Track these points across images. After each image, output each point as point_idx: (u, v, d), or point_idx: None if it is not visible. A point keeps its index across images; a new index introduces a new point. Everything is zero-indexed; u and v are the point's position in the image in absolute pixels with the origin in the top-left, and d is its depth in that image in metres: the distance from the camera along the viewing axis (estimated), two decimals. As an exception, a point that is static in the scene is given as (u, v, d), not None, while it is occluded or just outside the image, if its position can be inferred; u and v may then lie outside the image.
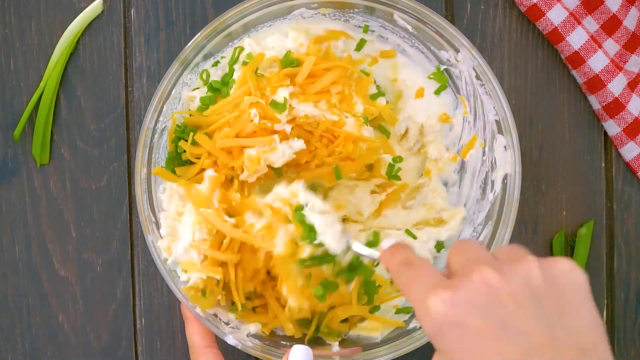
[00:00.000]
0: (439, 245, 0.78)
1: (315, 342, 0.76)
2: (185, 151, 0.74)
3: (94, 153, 0.83)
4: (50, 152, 0.82)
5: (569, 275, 0.52)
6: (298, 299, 0.71)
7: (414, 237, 0.77)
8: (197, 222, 0.70)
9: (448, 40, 0.73)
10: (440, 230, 0.78)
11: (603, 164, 0.84)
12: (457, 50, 0.73)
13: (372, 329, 0.77)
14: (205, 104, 0.75)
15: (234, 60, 0.76)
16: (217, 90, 0.75)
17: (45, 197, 0.83)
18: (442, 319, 0.51)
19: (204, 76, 0.76)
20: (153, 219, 0.74)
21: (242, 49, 0.76)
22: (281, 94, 0.72)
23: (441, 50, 0.75)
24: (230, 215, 0.70)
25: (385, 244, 0.61)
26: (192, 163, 0.74)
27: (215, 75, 0.76)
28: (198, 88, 0.76)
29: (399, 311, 0.77)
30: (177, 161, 0.75)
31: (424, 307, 0.52)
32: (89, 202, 0.83)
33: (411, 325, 0.75)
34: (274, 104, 0.71)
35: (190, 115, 0.74)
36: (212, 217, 0.69)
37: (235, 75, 0.74)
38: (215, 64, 0.76)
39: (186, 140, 0.73)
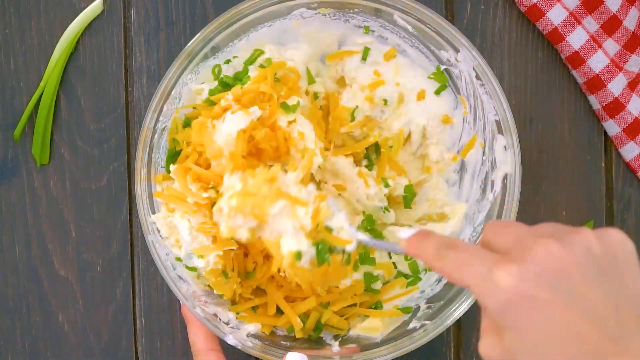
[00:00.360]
0: None
1: (315, 342, 0.77)
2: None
3: (94, 153, 0.83)
4: (50, 152, 0.82)
5: (623, 244, 0.52)
6: (297, 273, 0.70)
7: None
8: (184, 212, 0.71)
9: (448, 40, 0.73)
10: (444, 226, 0.78)
11: (603, 164, 0.84)
12: (457, 50, 0.73)
13: (372, 329, 0.77)
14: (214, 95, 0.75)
15: (250, 61, 0.76)
16: (229, 85, 0.75)
17: (45, 197, 0.83)
18: (512, 294, 0.50)
19: (216, 71, 0.75)
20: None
21: (261, 52, 0.76)
22: (295, 100, 0.72)
23: (441, 50, 0.75)
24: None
25: (404, 233, 0.59)
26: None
27: (227, 72, 0.76)
28: (204, 83, 0.76)
29: (400, 309, 0.77)
30: (175, 159, 0.75)
31: (490, 284, 0.51)
32: (89, 202, 0.83)
33: (411, 326, 0.75)
34: (285, 106, 0.71)
35: (194, 109, 0.74)
36: (187, 206, 0.71)
37: (252, 74, 0.74)
38: (227, 61, 0.76)
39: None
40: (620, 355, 0.49)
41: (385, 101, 0.78)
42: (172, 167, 0.73)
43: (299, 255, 0.66)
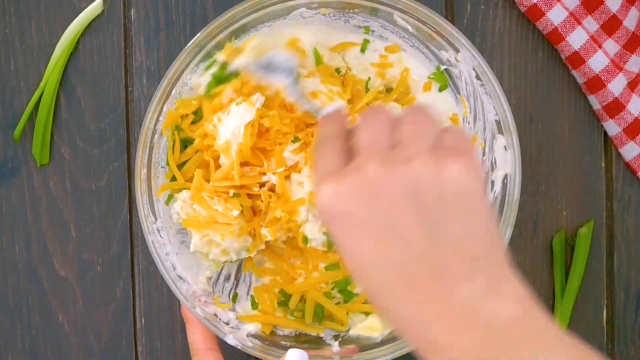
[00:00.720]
0: None
1: (315, 342, 0.77)
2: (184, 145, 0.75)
3: (94, 153, 0.83)
4: (50, 152, 0.82)
5: (458, 182, 0.50)
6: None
7: None
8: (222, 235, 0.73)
9: (448, 40, 0.73)
10: None
11: (603, 164, 0.84)
12: (457, 50, 0.73)
13: (372, 329, 0.77)
14: (211, 88, 0.75)
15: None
16: (222, 79, 0.75)
17: (45, 197, 0.83)
18: (329, 208, 0.51)
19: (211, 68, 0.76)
20: (153, 219, 0.74)
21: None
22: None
23: (441, 50, 0.75)
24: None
25: (327, 108, 0.60)
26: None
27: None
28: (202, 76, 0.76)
29: None
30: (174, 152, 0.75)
31: (317, 193, 0.52)
32: (89, 202, 0.83)
33: None
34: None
35: (194, 102, 0.74)
36: (223, 229, 0.72)
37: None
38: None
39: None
40: (438, 291, 0.49)
41: (390, 89, 0.78)
42: (184, 194, 0.73)
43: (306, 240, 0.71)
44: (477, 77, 0.73)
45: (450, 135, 0.53)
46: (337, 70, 0.78)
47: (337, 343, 0.76)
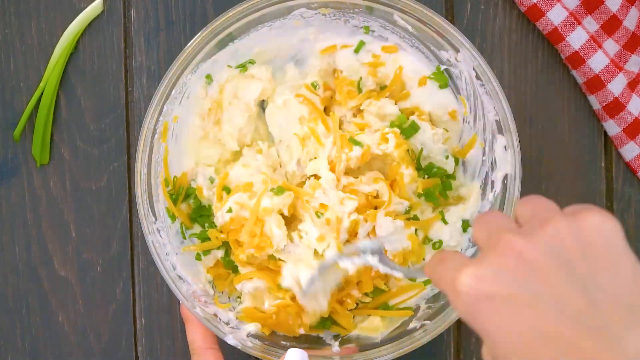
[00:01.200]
0: (465, 225, 0.78)
1: (315, 342, 0.77)
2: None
3: (94, 153, 0.83)
4: (50, 152, 0.82)
5: (599, 230, 0.49)
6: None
7: (446, 222, 0.77)
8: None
9: (448, 40, 0.73)
10: (465, 207, 0.78)
11: (603, 164, 0.84)
12: (457, 50, 0.73)
13: (372, 329, 0.77)
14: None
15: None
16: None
17: (45, 197, 0.83)
18: (472, 296, 0.49)
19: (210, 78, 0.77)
20: (153, 219, 0.74)
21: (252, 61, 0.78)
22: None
23: (441, 50, 0.75)
24: None
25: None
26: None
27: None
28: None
29: (401, 309, 0.77)
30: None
31: (454, 290, 0.49)
32: (89, 202, 0.83)
33: (411, 326, 0.75)
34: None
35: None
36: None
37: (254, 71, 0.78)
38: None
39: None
40: (602, 349, 0.46)
41: (384, 87, 0.78)
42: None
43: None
44: (477, 77, 0.73)
45: (573, 205, 0.52)
46: (314, 85, 0.78)
47: (337, 343, 0.76)
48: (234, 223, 0.74)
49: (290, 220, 0.76)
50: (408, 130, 0.76)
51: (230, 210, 0.74)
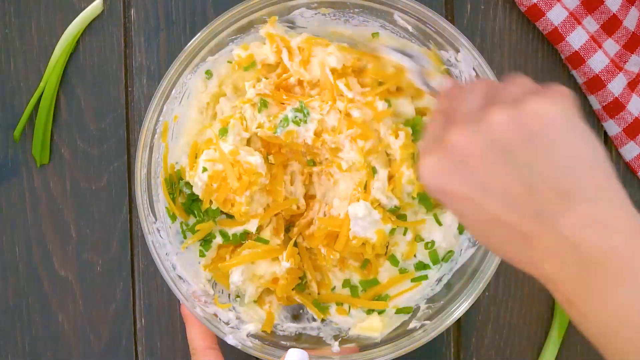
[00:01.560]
0: (461, 228, 0.78)
1: (315, 342, 0.77)
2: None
3: (94, 153, 0.83)
4: (50, 152, 0.82)
5: (540, 116, 0.51)
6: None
7: (440, 224, 0.77)
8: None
9: (448, 41, 0.73)
10: None
11: (603, 164, 0.84)
12: (457, 51, 0.73)
13: (372, 329, 0.77)
14: None
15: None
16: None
17: (45, 197, 0.83)
18: (429, 186, 0.54)
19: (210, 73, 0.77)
20: (153, 219, 0.74)
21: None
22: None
23: (441, 51, 0.75)
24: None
25: (442, 81, 0.64)
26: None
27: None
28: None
29: (399, 311, 0.77)
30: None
31: (419, 165, 0.55)
32: (89, 202, 0.83)
33: (411, 325, 0.75)
34: None
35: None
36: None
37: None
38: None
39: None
40: (543, 231, 0.50)
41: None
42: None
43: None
44: (478, 77, 0.73)
45: (539, 86, 0.54)
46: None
47: (337, 343, 0.76)
48: (214, 180, 0.73)
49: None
50: (419, 132, 0.77)
51: (205, 170, 0.73)
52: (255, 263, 0.75)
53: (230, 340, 0.72)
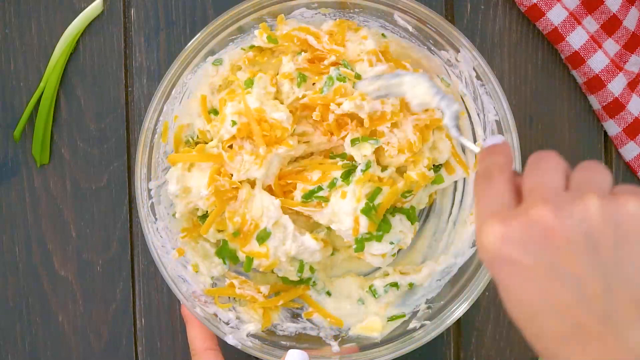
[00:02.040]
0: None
1: (315, 341, 0.77)
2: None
3: (94, 153, 0.83)
4: (50, 152, 0.82)
5: (634, 219, 0.48)
6: None
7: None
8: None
9: (448, 40, 0.73)
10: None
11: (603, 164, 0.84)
12: (457, 51, 0.73)
13: (371, 329, 0.77)
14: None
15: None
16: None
17: (45, 197, 0.83)
18: (493, 253, 0.50)
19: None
20: (153, 219, 0.74)
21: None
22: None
23: (441, 51, 0.75)
24: None
25: (489, 140, 0.57)
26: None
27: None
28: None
29: (391, 318, 0.77)
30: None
31: (480, 234, 0.51)
32: (89, 202, 0.83)
33: (411, 325, 0.75)
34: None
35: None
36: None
37: None
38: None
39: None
40: (607, 336, 0.47)
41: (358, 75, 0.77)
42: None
43: None
44: (478, 77, 0.73)
45: (624, 184, 0.51)
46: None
47: (336, 343, 0.76)
48: (241, 134, 0.72)
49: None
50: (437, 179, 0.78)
51: (234, 123, 0.72)
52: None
53: (230, 340, 0.72)
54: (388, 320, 0.77)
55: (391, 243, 0.74)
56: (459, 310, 0.74)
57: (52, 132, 0.82)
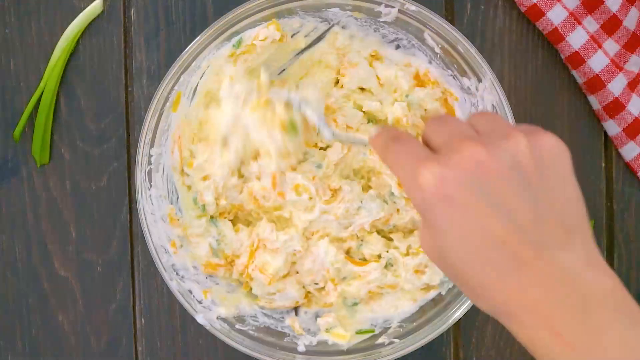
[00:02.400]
0: None
1: (280, 337, 0.77)
2: None
3: (94, 153, 0.83)
4: (50, 152, 0.82)
5: (554, 150, 0.52)
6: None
7: None
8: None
9: (472, 68, 0.73)
10: None
11: (603, 164, 0.84)
12: (479, 80, 0.73)
13: (339, 336, 0.78)
14: None
15: None
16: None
17: (45, 197, 0.83)
18: (432, 193, 0.51)
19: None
20: (148, 185, 0.74)
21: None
22: None
23: (463, 77, 0.75)
24: None
25: (374, 130, 0.61)
26: None
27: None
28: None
29: (360, 332, 0.78)
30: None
31: (414, 181, 0.52)
32: (89, 202, 0.83)
33: (380, 340, 0.76)
34: None
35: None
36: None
37: None
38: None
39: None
40: (541, 262, 0.50)
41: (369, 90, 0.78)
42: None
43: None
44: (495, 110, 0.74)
45: (525, 124, 0.55)
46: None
47: (302, 343, 0.77)
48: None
49: None
50: None
51: None
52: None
53: (200, 319, 0.74)
54: (356, 333, 0.78)
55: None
56: (459, 310, 0.74)
57: (52, 132, 0.82)
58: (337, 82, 0.79)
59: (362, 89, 0.79)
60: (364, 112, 0.78)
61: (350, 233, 0.77)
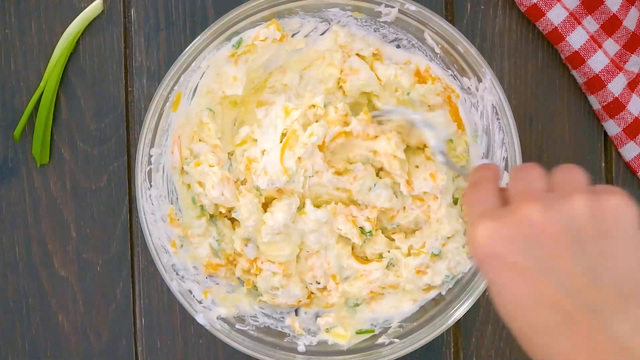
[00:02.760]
0: (455, 200, 0.79)
1: (281, 337, 0.77)
2: None
3: (94, 153, 0.83)
4: (50, 152, 0.82)
5: (617, 214, 0.51)
6: None
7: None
8: None
9: (472, 68, 0.73)
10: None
11: (603, 164, 0.84)
12: (479, 80, 0.73)
13: (340, 336, 0.78)
14: None
15: None
16: None
17: (45, 197, 0.83)
18: (483, 248, 0.52)
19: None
20: (148, 185, 0.74)
21: None
22: None
23: (464, 77, 0.75)
24: None
25: (480, 162, 0.62)
26: None
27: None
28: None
29: (360, 332, 0.78)
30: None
31: (472, 234, 0.53)
32: (89, 202, 0.83)
33: (380, 340, 0.77)
34: None
35: None
36: None
37: None
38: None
39: None
40: (593, 326, 0.50)
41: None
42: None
43: None
44: (495, 113, 0.74)
45: (602, 184, 0.54)
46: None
47: (302, 343, 0.77)
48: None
49: None
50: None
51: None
52: None
53: (200, 319, 0.74)
54: (356, 333, 0.78)
55: None
56: (459, 310, 0.74)
57: (52, 132, 0.82)
58: (340, 83, 0.79)
59: (364, 93, 0.79)
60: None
61: (365, 217, 0.77)
